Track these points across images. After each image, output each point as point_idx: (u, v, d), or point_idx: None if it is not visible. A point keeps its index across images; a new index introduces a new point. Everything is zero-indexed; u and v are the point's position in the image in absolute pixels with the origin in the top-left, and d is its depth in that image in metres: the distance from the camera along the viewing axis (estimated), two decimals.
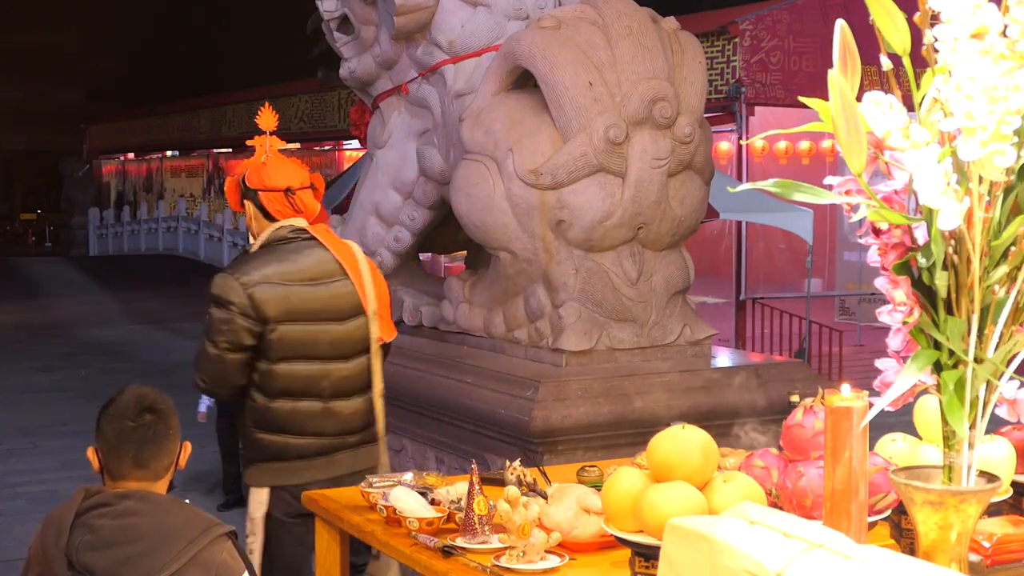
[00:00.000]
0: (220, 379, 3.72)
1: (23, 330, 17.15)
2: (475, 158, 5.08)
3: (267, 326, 3.64)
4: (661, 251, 5.10)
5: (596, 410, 4.69)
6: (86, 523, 2.46)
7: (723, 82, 15.07)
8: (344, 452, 3.79)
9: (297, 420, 3.72)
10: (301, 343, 3.68)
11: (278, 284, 3.66)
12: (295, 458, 3.74)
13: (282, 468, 3.75)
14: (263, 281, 3.65)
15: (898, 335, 1.90)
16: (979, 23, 1.65)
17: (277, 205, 3.79)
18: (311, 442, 3.74)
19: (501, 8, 5.59)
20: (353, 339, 3.78)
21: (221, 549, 2.51)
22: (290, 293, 3.66)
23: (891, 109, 1.74)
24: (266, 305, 3.63)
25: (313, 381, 3.71)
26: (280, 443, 3.73)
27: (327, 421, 3.74)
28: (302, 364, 3.70)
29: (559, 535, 2.54)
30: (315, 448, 3.74)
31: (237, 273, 3.68)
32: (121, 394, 2.61)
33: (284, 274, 3.68)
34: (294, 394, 3.71)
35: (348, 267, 3.78)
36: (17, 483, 8.43)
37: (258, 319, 3.63)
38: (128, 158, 39.95)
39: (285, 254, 3.74)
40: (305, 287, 3.70)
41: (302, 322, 3.68)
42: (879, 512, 2.36)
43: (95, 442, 2.60)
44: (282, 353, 3.68)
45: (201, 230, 28.33)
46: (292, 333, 3.67)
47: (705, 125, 5.13)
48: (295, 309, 3.67)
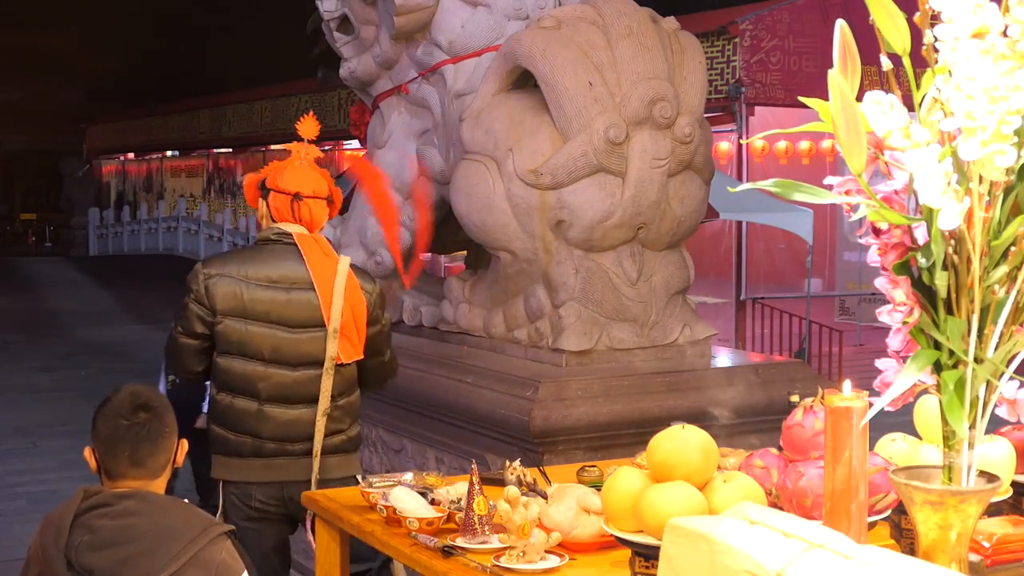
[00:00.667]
0: (174, 360, 3.84)
1: (23, 330, 17.14)
2: (475, 158, 5.08)
3: (215, 317, 3.71)
4: (661, 251, 5.10)
5: (596, 410, 4.68)
6: (85, 523, 2.46)
7: (723, 82, 15.07)
8: (285, 459, 3.77)
9: (233, 416, 3.76)
10: (241, 341, 3.72)
11: (236, 279, 3.71)
12: (234, 454, 3.78)
13: (225, 462, 3.81)
14: (223, 274, 3.72)
15: (898, 335, 1.90)
16: (980, 23, 1.65)
17: (281, 208, 3.83)
18: (246, 440, 3.76)
19: (501, 8, 5.59)
20: (301, 349, 3.75)
21: (220, 548, 2.51)
22: (243, 290, 3.71)
23: (891, 109, 1.74)
24: (216, 297, 3.70)
25: (250, 380, 3.73)
26: (223, 436, 3.80)
27: (262, 423, 3.74)
28: (240, 361, 3.73)
29: (559, 535, 2.54)
30: (250, 448, 3.76)
31: (206, 264, 3.80)
32: (116, 393, 2.61)
33: (245, 272, 3.73)
34: (232, 389, 3.76)
35: (319, 281, 3.75)
36: (17, 483, 8.43)
37: (209, 309, 3.71)
38: (128, 158, 39.96)
39: (256, 254, 3.79)
40: (260, 288, 3.73)
41: (247, 320, 3.72)
42: (879, 512, 2.36)
43: (91, 442, 2.60)
44: (224, 347, 3.74)
45: (201, 230, 28.35)
46: (234, 329, 3.71)
47: (705, 125, 5.13)
48: (242, 306, 3.71)
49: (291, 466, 3.76)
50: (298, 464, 3.76)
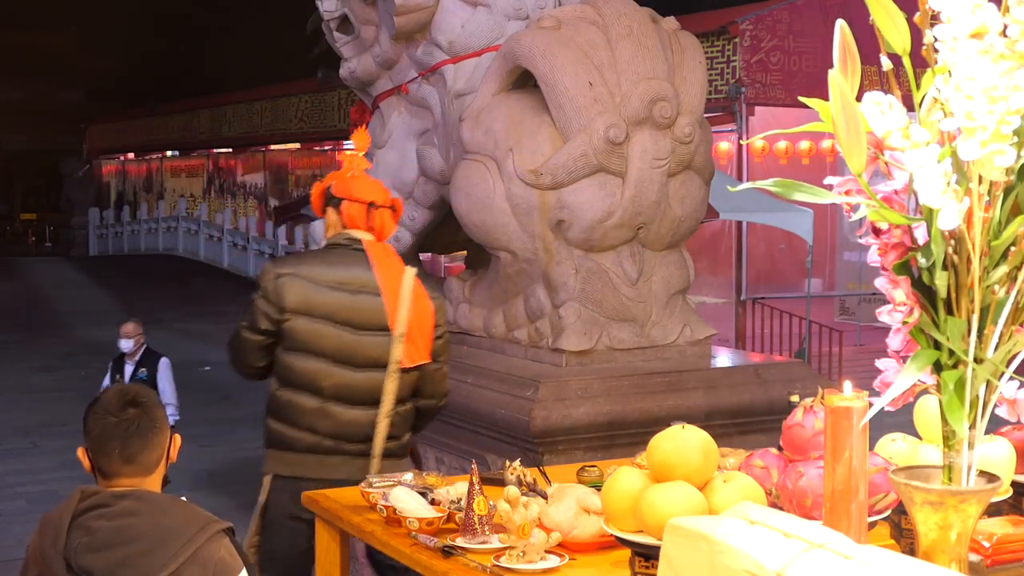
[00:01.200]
0: (236, 356, 3.94)
1: (23, 330, 17.15)
2: (475, 158, 5.08)
3: (283, 315, 3.80)
4: (661, 251, 5.10)
5: (596, 410, 4.68)
6: (83, 524, 2.46)
7: (723, 82, 15.08)
8: (339, 457, 3.84)
9: (293, 411, 3.84)
10: (307, 339, 3.81)
11: (305, 280, 3.82)
12: (287, 449, 3.85)
13: (280, 457, 3.88)
14: (293, 274, 3.82)
15: (898, 335, 1.90)
16: (979, 23, 1.65)
17: (356, 216, 3.95)
18: (303, 436, 3.83)
19: (501, 8, 5.59)
20: (366, 351, 3.84)
21: (219, 546, 2.51)
22: (313, 290, 3.81)
23: (891, 109, 1.74)
24: (286, 294, 3.80)
25: (313, 378, 3.82)
26: (279, 431, 3.87)
27: (322, 420, 3.83)
28: (304, 358, 3.83)
29: (559, 535, 2.54)
30: (307, 444, 3.83)
31: (277, 263, 3.93)
32: (105, 392, 2.62)
33: (315, 273, 3.84)
34: (295, 385, 3.84)
35: (385, 286, 3.87)
36: (17, 483, 8.43)
37: (277, 306, 3.80)
38: (128, 158, 39.95)
39: (326, 257, 3.91)
40: (328, 289, 3.83)
41: (314, 319, 3.81)
42: (879, 512, 2.36)
43: (84, 442, 2.60)
44: (289, 343, 3.82)
45: (201, 230, 28.34)
46: (301, 326, 3.81)
47: (705, 125, 5.13)
48: (312, 305, 3.81)
49: (345, 465, 3.82)
50: (352, 464, 3.82)
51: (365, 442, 3.84)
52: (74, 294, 22.52)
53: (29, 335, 16.71)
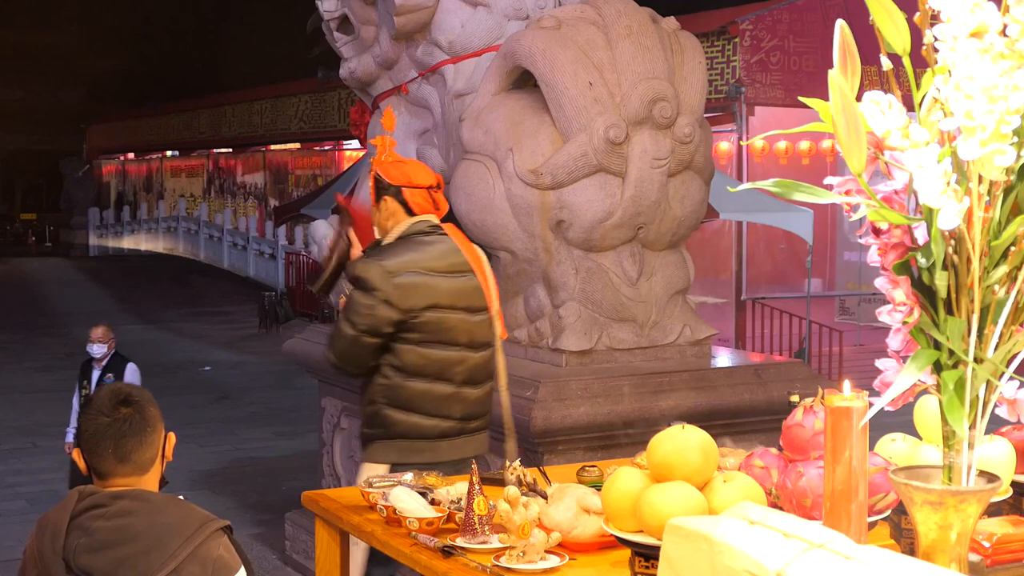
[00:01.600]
0: (353, 359, 3.90)
1: (23, 330, 17.15)
2: (475, 158, 5.08)
3: (410, 314, 3.82)
4: (661, 251, 5.10)
5: (596, 410, 4.68)
6: (81, 525, 2.45)
7: (723, 82, 15.08)
8: (464, 437, 3.98)
9: (429, 400, 3.91)
10: (442, 330, 3.88)
11: (421, 273, 3.84)
12: (419, 437, 3.91)
13: (407, 446, 3.91)
14: (406, 270, 3.82)
15: (898, 335, 1.89)
16: (978, 22, 1.65)
17: (420, 200, 3.96)
18: (437, 424, 3.92)
19: (501, 8, 5.59)
20: (482, 331, 3.98)
21: (218, 544, 2.50)
22: (432, 282, 3.86)
23: (891, 109, 1.74)
24: (411, 294, 3.81)
25: (448, 365, 3.90)
26: (409, 422, 3.91)
27: (455, 405, 3.94)
28: (440, 349, 3.89)
29: (559, 535, 2.54)
30: (440, 430, 3.93)
31: (383, 262, 3.83)
32: (98, 392, 2.61)
33: (424, 263, 3.86)
34: (429, 376, 3.90)
35: (475, 265, 3.97)
36: (17, 483, 8.44)
37: (402, 308, 3.80)
38: (128, 158, 39.97)
39: (422, 246, 3.91)
40: (443, 277, 3.88)
41: (443, 310, 3.87)
42: (879, 512, 2.36)
43: (79, 443, 2.60)
44: (425, 337, 3.86)
45: (201, 230, 28.36)
46: (434, 320, 3.86)
47: (705, 125, 5.13)
48: (436, 297, 3.86)
49: (468, 443, 3.96)
50: (474, 440, 3.98)
51: (482, 418, 4.01)
52: (74, 294, 22.53)
53: (29, 335, 16.71)
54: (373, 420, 3.95)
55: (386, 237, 3.98)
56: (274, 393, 12.67)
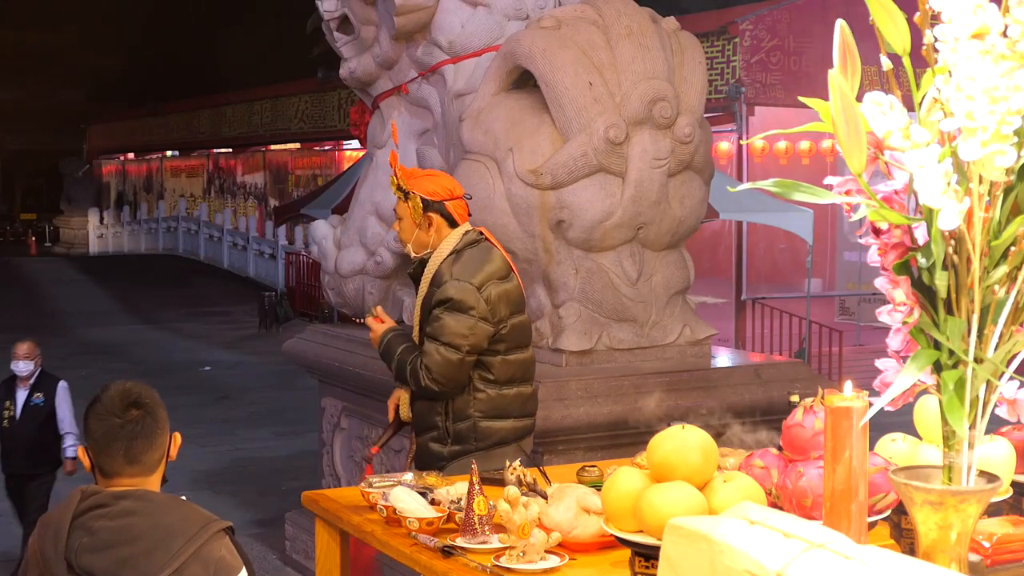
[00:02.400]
0: (457, 381, 3.92)
1: (23, 330, 17.15)
2: (475, 158, 5.08)
3: (502, 324, 3.93)
4: (661, 251, 5.10)
5: (596, 410, 4.68)
6: (84, 525, 2.45)
7: (723, 82, 15.07)
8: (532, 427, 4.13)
9: (520, 402, 4.03)
10: (522, 333, 4.03)
11: (497, 282, 3.93)
12: (514, 440, 4.02)
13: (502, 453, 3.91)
14: (487, 282, 3.90)
15: (898, 335, 1.90)
16: (980, 23, 1.65)
17: (461, 211, 4.02)
18: (525, 423, 4.06)
19: (501, 8, 5.59)
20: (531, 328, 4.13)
21: (220, 545, 2.50)
22: (507, 288, 3.95)
23: (891, 109, 1.74)
24: (499, 303, 3.92)
25: (529, 365, 4.07)
26: (506, 428, 4.00)
27: (533, 401, 4.10)
28: (522, 352, 4.03)
29: (559, 535, 2.54)
30: (525, 429, 4.07)
31: (466, 276, 3.89)
32: (105, 391, 2.60)
33: (494, 273, 3.94)
34: (517, 380, 4.02)
35: (511, 263, 4.06)
36: None
37: (495, 320, 3.91)
38: (128, 158, 39.98)
39: (484, 255, 3.97)
40: (508, 281, 3.98)
41: (517, 314, 4.00)
42: (879, 512, 2.36)
43: (84, 441, 2.59)
44: (513, 343, 3.98)
45: (201, 230, 28.37)
46: (517, 325, 3.99)
47: (705, 125, 5.13)
48: (512, 302, 3.97)
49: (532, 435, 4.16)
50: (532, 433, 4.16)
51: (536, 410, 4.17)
52: (74, 294, 22.53)
53: (29, 335, 16.70)
54: (464, 435, 3.97)
55: (437, 252, 3.99)
56: (274, 393, 12.67)
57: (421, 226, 3.99)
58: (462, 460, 3.92)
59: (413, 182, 4.04)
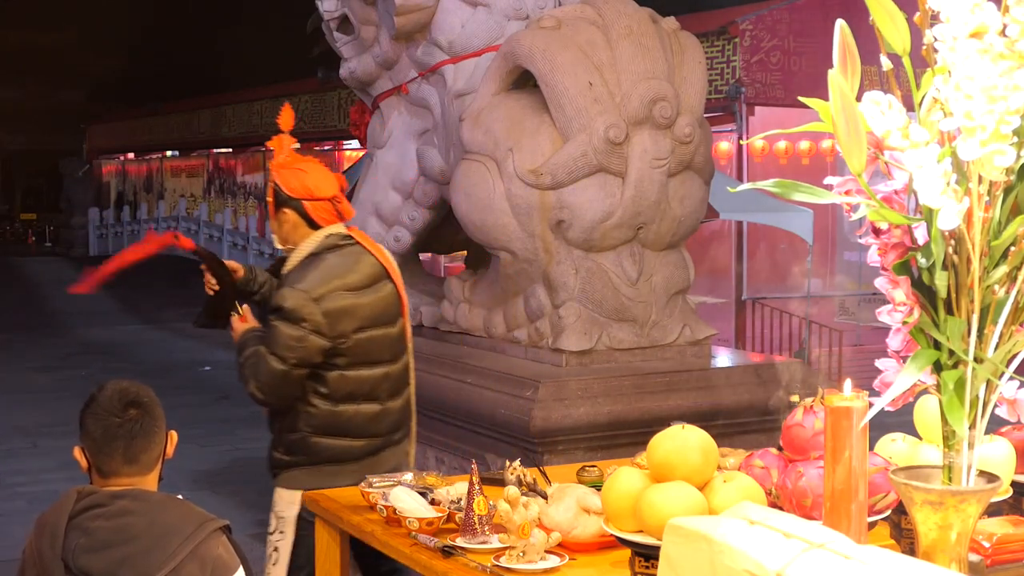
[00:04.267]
0: (280, 393, 3.70)
1: (23, 330, 17.14)
2: (475, 158, 5.08)
3: (340, 339, 3.66)
4: (661, 251, 5.10)
5: (596, 410, 4.68)
6: (80, 525, 2.45)
7: (723, 82, 15.06)
8: (388, 450, 3.86)
9: (357, 422, 3.76)
10: (369, 350, 3.73)
11: (345, 293, 3.67)
12: (349, 460, 3.76)
13: (334, 471, 3.74)
14: (331, 293, 3.65)
15: (898, 335, 1.90)
16: (978, 23, 1.65)
17: (323, 213, 3.77)
18: (366, 443, 3.79)
19: (501, 8, 5.59)
20: (400, 339, 3.87)
21: (217, 544, 2.50)
22: (357, 302, 3.70)
23: (891, 109, 1.74)
24: (339, 319, 3.65)
25: (376, 384, 3.77)
26: (339, 447, 3.75)
27: (381, 422, 3.81)
28: (369, 369, 3.75)
29: (559, 535, 2.54)
30: (368, 449, 3.80)
31: (307, 288, 3.64)
32: (102, 391, 2.60)
33: (347, 283, 3.69)
34: (358, 398, 3.75)
35: (389, 269, 3.85)
36: (17, 483, 8.42)
37: (331, 335, 3.64)
38: (128, 158, 39.95)
39: (342, 261, 3.73)
40: (363, 293, 3.73)
41: (368, 328, 3.73)
42: (879, 512, 2.36)
43: (80, 441, 2.59)
44: (355, 359, 3.71)
45: (201, 230, 28.36)
46: (363, 341, 3.71)
47: (705, 125, 5.13)
48: (362, 316, 3.71)
49: (392, 455, 3.85)
50: (396, 451, 3.88)
51: (403, 427, 3.90)
52: (74, 294, 22.51)
53: (29, 335, 16.70)
54: (295, 448, 3.77)
55: (295, 252, 3.78)
56: None
57: (280, 221, 3.79)
58: (292, 472, 3.78)
59: (278, 171, 3.83)
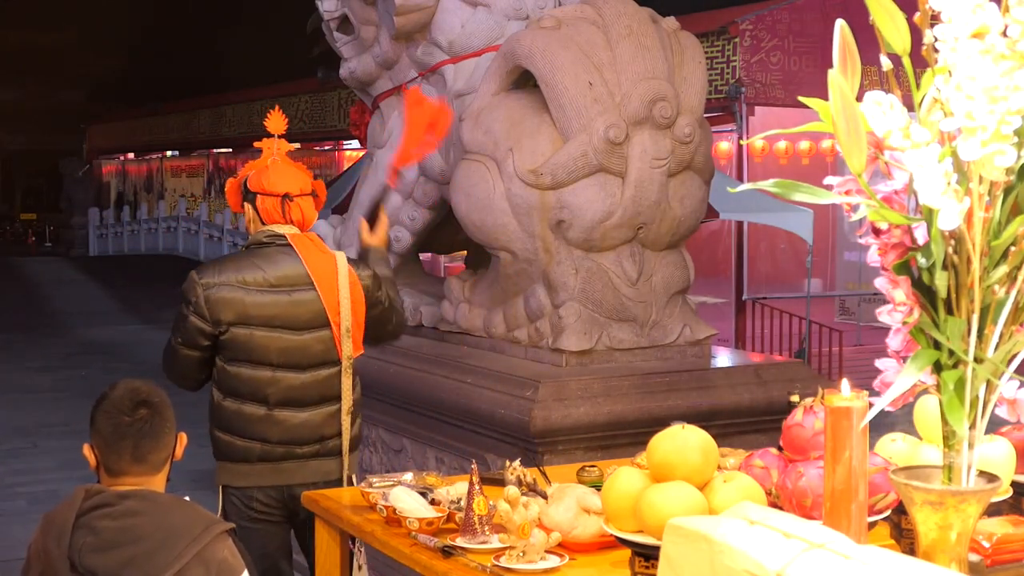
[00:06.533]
0: (175, 371, 3.79)
1: (23, 330, 17.14)
2: (475, 158, 5.08)
3: (219, 328, 3.67)
4: (661, 251, 5.10)
5: (596, 410, 4.68)
6: (87, 524, 2.46)
7: (723, 82, 15.07)
8: (292, 462, 3.74)
9: (241, 421, 3.72)
10: (249, 348, 3.68)
11: (236, 287, 3.66)
12: (240, 460, 3.73)
13: (232, 468, 3.75)
14: (221, 283, 3.66)
15: (898, 335, 1.90)
16: (980, 23, 1.65)
17: (271, 210, 3.79)
18: (253, 446, 3.72)
19: (501, 8, 5.59)
20: (310, 351, 3.73)
21: (222, 547, 2.51)
22: (245, 297, 3.66)
23: (891, 109, 1.74)
24: (219, 308, 3.65)
25: (258, 386, 3.70)
26: (227, 442, 3.75)
27: (270, 428, 3.71)
28: (248, 368, 3.70)
29: (559, 535, 2.54)
30: (258, 453, 3.73)
31: (201, 273, 3.71)
32: (114, 389, 2.60)
33: (244, 279, 3.68)
34: (240, 396, 3.71)
35: (320, 279, 3.72)
36: (17, 483, 8.43)
37: (211, 321, 3.66)
38: (128, 158, 39.97)
39: (252, 258, 3.73)
40: (262, 293, 3.68)
41: (253, 327, 3.67)
42: (879, 512, 2.36)
43: (90, 439, 2.59)
44: (231, 355, 3.69)
45: (201, 230, 28.36)
46: (241, 337, 3.67)
47: (705, 125, 5.13)
48: (247, 314, 3.67)
49: (299, 469, 3.74)
50: (306, 467, 3.75)
51: (317, 443, 3.76)
52: (74, 294, 22.51)
53: (29, 335, 16.70)
54: (211, 439, 3.81)
55: None
56: None
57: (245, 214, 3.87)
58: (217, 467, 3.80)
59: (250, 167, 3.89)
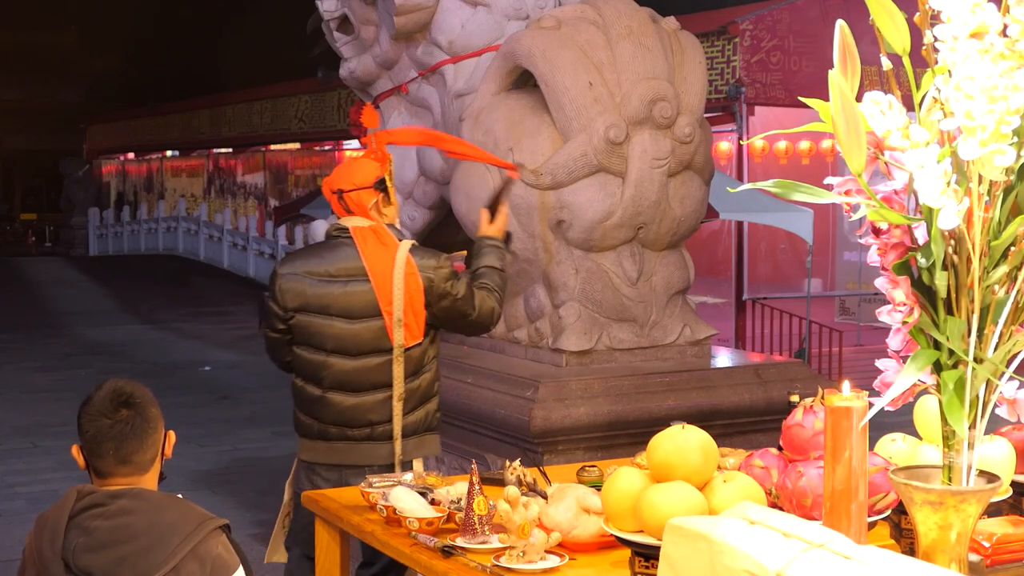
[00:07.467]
0: (268, 350, 4.18)
1: (23, 330, 17.14)
2: None
3: (287, 313, 4.01)
4: (661, 251, 5.10)
5: (596, 410, 4.68)
6: (80, 524, 2.45)
7: (723, 82, 15.07)
8: (345, 443, 3.99)
9: (303, 400, 4.05)
10: (308, 333, 3.98)
11: (303, 276, 3.99)
12: (304, 435, 4.06)
13: (301, 442, 4.09)
14: (291, 273, 4.03)
15: (898, 335, 1.90)
16: (979, 23, 1.65)
17: (335, 205, 4.10)
18: (312, 424, 4.03)
19: (501, 8, 5.59)
20: (361, 339, 3.95)
21: (216, 543, 2.50)
22: (308, 287, 3.97)
23: (891, 109, 1.74)
24: (286, 295, 4.01)
25: (314, 369, 3.99)
26: (298, 418, 4.09)
27: (323, 409, 3.99)
28: (308, 351, 4.00)
29: (559, 535, 2.54)
30: (316, 431, 4.02)
31: (281, 263, 4.14)
32: (98, 391, 2.59)
33: (308, 268, 4.00)
34: (304, 376, 4.04)
35: (374, 270, 3.94)
36: (17, 483, 8.42)
37: (281, 307, 4.02)
38: (128, 158, 39.96)
39: (321, 251, 4.06)
40: (322, 283, 3.96)
41: (312, 314, 3.97)
42: (879, 512, 2.36)
43: (78, 440, 2.59)
44: (297, 338, 4.03)
45: (201, 230, 28.34)
46: (303, 322, 3.99)
47: (705, 125, 5.13)
48: (308, 302, 3.97)
49: (351, 451, 3.98)
50: (357, 449, 3.98)
51: (368, 427, 3.97)
52: (74, 294, 22.51)
53: (29, 335, 16.69)
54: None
55: None
56: (274, 393, 12.65)
57: None
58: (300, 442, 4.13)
59: None
